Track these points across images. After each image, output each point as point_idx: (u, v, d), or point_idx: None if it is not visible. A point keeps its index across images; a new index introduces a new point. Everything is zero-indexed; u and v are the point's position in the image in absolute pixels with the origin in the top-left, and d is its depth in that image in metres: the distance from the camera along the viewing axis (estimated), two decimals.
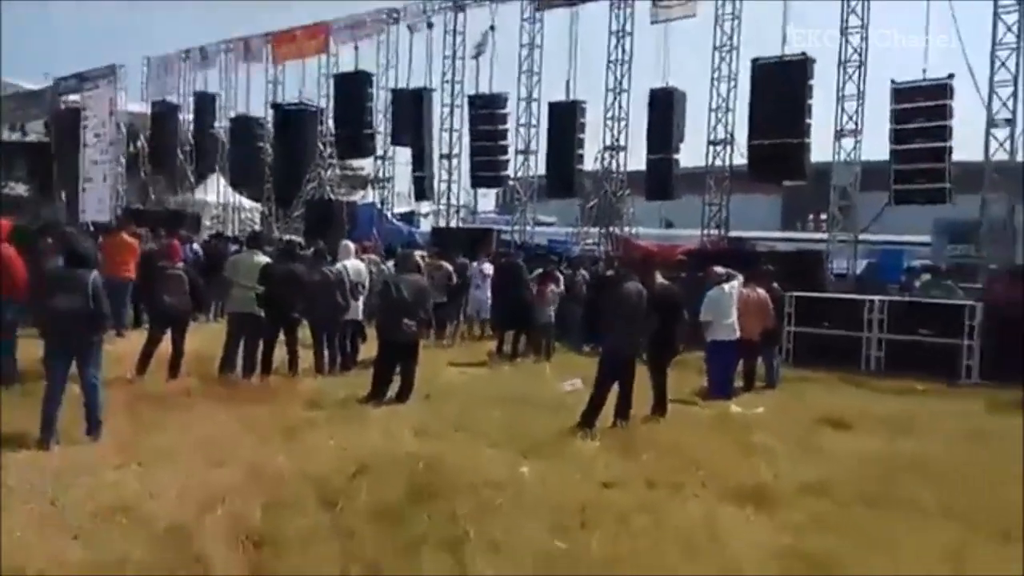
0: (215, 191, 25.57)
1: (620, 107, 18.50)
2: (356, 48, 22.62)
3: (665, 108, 17.67)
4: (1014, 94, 13.96)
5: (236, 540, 4.21)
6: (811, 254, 15.91)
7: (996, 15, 14.11)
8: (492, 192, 24.81)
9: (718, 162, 17.31)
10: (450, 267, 12.58)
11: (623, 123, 18.56)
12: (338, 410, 7.39)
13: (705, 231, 17.62)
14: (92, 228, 18.45)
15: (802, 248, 19.25)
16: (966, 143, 14.85)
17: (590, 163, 19.54)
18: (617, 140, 18.62)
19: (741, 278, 9.86)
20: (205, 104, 25.54)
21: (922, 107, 14.44)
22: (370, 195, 25.62)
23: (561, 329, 12.33)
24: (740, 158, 16.93)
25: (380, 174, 23.71)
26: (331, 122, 22.84)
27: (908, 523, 4.86)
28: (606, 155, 18.87)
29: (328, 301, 9.31)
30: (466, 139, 20.86)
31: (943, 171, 14.26)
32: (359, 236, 17.50)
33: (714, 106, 17.07)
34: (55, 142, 27.80)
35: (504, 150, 20.42)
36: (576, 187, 19.64)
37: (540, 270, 12.76)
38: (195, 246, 14.34)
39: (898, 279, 15.30)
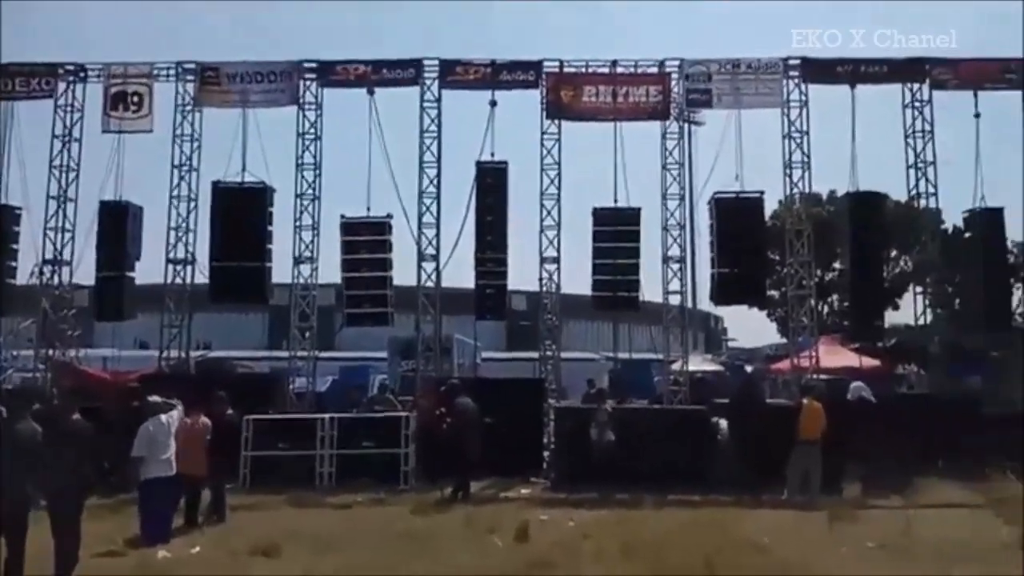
0: None
1: (65, 217, 16.50)
2: None
3: (118, 222, 16.32)
4: (437, 234, 16.32)
5: None
6: (272, 375, 16.08)
7: (421, 179, 16.40)
8: None
9: (179, 280, 16.52)
10: None
11: (69, 235, 16.55)
12: None
13: (165, 352, 16.43)
14: None
15: (274, 368, 19.31)
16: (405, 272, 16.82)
17: (25, 277, 16.84)
18: (60, 254, 16.47)
19: (181, 407, 9.32)
20: None
21: (366, 240, 16.07)
22: None
23: None
24: (203, 277, 16.49)
25: None
26: None
27: None
28: (46, 269, 16.50)
29: None
30: None
31: (385, 297, 15.99)
32: None
33: (174, 225, 16.45)
34: None
35: None
36: (5, 304, 16.57)
37: None
38: None
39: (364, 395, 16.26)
